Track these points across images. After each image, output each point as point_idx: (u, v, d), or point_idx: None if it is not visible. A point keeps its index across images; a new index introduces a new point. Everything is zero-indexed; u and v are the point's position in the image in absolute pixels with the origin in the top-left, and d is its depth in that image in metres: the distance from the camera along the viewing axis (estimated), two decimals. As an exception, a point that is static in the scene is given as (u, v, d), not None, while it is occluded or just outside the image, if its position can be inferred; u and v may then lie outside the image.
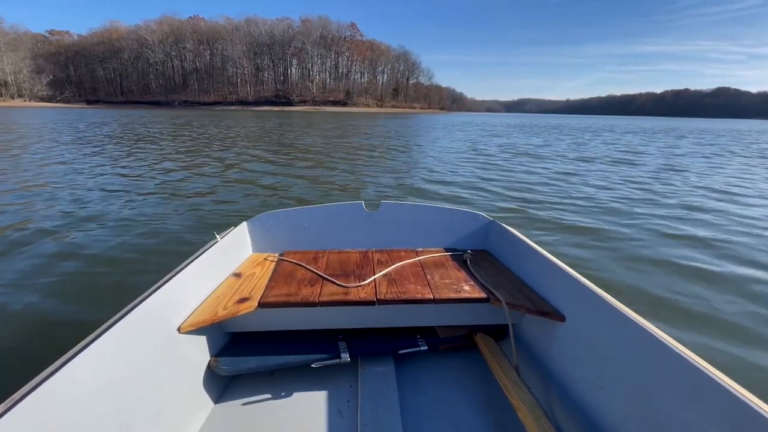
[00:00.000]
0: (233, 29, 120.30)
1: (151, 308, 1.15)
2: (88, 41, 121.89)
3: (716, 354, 2.01)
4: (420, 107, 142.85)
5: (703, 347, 2.05)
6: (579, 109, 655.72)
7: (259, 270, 1.70)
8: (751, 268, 3.13)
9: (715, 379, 0.85)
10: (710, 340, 2.13)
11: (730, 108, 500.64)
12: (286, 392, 1.38)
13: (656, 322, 1.12)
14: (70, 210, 4.34)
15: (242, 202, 4.95)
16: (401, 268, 1.73)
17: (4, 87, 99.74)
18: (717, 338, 2.15)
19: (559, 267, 1.46)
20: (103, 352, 0.95)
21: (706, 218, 4.64)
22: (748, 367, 1.93)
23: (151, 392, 1.07)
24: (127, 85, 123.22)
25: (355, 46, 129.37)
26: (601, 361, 1.19)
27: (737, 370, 1.89)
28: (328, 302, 1.43)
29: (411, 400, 1.35)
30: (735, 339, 2.15)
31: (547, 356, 1.44)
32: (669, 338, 0.99)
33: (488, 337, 1.61)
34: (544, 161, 9.88)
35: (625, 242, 3.65)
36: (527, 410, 1.18)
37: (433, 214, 2.04)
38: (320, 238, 1.99)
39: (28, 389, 0.78)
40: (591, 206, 5.07)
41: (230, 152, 9.95)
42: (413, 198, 5.38)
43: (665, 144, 17.14)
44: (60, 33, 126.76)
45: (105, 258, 3.02)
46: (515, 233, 1.84)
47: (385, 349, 1.53)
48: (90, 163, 7.62)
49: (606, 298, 1.22)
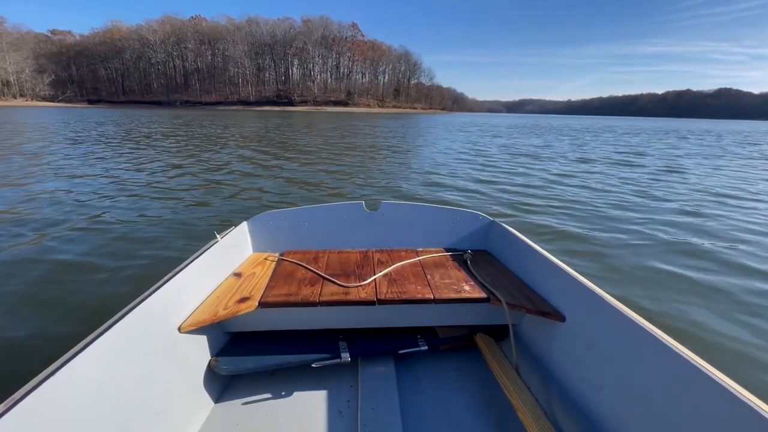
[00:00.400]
0: (235, 29, 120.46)
1: (152, 308, 1.15)
2: (90, 41, 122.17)
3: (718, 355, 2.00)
4: (421, 107, 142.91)
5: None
6: (580, 110, 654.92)
7: (260, 270, 1.70)
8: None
9: (715, 379, 0.85)
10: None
11: (732, 109, 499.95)
12: (286, 392, 1.38)
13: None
14: (71, 207, 4.35)
15: (243, 202, 4.96)
16: (401, 268, 1.73)
17: (6, 87, 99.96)
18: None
19: (559, 267, 1.46)
20: (104, 352, 0.95)
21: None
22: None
23: (151, 392, 1.08)
24: (128, 84, 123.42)
25: (356, 46, 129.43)
26: (601, 361, 1.19)
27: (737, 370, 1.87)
28: (328, 302, 1.43)
29: (411, 400, 1.35)
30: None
31: (547, 356, 1.44)
32: (669, 338, 0.99)
33: (488, 337, 1.61)
34: (549, 162, 9.83)
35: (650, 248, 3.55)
36: (527, 410, 1.18)
37: (434, 214, 2.04)
38: (320, 238, 1.99)
39: (29, 389, 0.78)
40: (604, 211, 4.97)
41: (230, 153, 9.97)
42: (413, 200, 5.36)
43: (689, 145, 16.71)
44: (62, 33, 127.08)
45: (107, 254, 3.02)
46: (515, 233, 1.84)
47: (386, 349, 1.53)
48: (86, 162, 7.65)
49: (606, 298, 1.22)
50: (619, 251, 3.47)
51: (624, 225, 4.35)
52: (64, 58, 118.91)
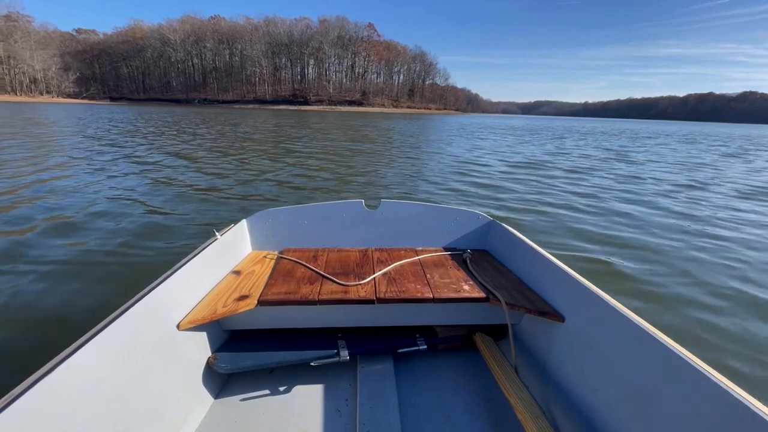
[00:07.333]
0: (253, 29, 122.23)
1: (150, 305, 1.15)
2: (113, 40, 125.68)
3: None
4: (435, 108, 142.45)
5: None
6: (598, 113, 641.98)
7: (259, 268, 1.70)
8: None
9: (714, 380, 0.85)
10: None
11: (756, 113, 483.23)
12: (284, 390, 1.39)
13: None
14: (80, 201, 4.47)
15: (242, 201, 4.98)
16: (401, 267, 1.73)
17: (33, 83, 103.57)
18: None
19: (558, 267, 1.45)
20: (102, 349, 0.95)
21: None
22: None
23: (149, 389, 1.08)
24: (149, 82, 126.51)
25: (371, 46, 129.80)
26: (599, 362, 1.18)
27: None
28: (327, 300, 1.43)
29: (410, 399, 1.35)
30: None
31: (545, 356, 1.43)
32: (668, 339, 0.99)
33: (487, 336, 1.60)
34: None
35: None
36: (526, 410, 1.18)
37: (434, 214, 2.03)
38: (320, 237, 1.99)
39: (26, 386, 0.78)
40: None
41: (246, 151, 10.07)
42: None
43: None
44: (87, 31, 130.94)
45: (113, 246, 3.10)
46: (515, 233, 1.82)
47: (385, 348, 1.53)
48: (108, 158, 7.85)
49: (605, 298, 1.20)
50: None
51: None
52: (88, 56, 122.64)
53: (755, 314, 2.47)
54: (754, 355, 2.05)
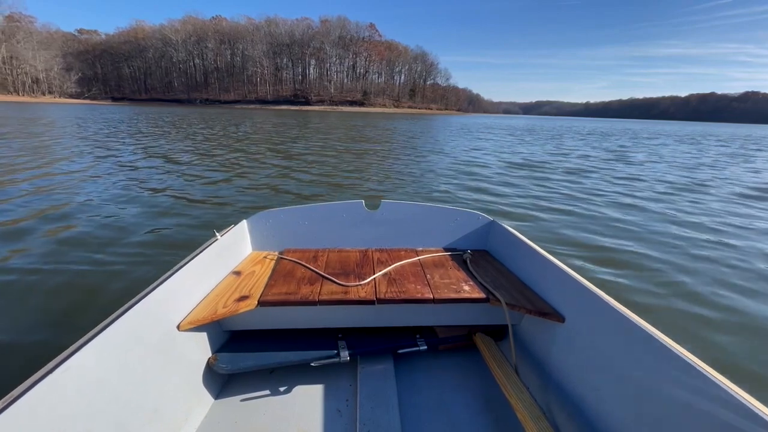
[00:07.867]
0: (254, 29, 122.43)
1: (151, 306, 1.15)
2: (115, 40, 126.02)
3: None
4: (437, 108, 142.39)
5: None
6: (599, 112, 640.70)
7: (259, 268, 1.70)
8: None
9: (714, 380, 0.85)
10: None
11: (759, 113, 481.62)
12: (285, 390, 1.39)
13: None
14: (88, 198, 4.48)
15: (242, 201, 4.96)
16: (401, 267, 1.73)
17: (35, 84, 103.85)
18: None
19: (559, 268, 1.45)
20: (103, 349, 0.95)
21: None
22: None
23: (150, 389, 1.08)
24: (151, 83, 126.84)
25: (373, 46, 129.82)
26: (600, 362, 1.18)
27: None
28: (327, 301, 1.43)
29: (410, 400, 1.35)
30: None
31: (546, 357, 1.43)
32: (668, 339, 0.99)
33: (487, 337, 1.60)
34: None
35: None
36: (526, 410, 1.18)
37: (434, 214, 2.03)
38: (320, 237, 1.99)
39: (27, 386, 0.78)
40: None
41: (243, 150, 10.09)
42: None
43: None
44: (88, 32, 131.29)
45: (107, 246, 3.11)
46: (515, 233, 1.82)
47: (385, 348, 1.53)
48: (110, 156, 7.87)
49: (605, 299, 1.20)
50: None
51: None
52: (90, 56, 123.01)
53: (756, 314, 2.47)
54: (755, 355, 2.06)
